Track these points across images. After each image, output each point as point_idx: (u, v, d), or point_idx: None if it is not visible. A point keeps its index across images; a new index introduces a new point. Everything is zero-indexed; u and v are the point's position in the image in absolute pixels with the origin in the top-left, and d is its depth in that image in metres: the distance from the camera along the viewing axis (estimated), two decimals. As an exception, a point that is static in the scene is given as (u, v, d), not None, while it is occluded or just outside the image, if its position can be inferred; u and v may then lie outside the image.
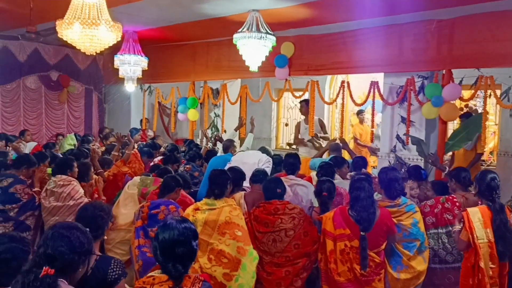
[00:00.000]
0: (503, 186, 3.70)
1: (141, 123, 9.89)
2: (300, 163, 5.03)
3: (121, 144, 6.30)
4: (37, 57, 9.74)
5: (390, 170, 4.02)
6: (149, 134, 9.62)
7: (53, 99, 10.20)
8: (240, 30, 5.94)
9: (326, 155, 6.79)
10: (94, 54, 4.58)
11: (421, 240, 3.83)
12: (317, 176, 4.75)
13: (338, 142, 6.63)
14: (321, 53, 6.92)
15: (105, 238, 3.20)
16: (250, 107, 8.42)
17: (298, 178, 4.75)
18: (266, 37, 5.91)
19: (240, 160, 5.32)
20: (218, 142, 7.51)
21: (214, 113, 9.20)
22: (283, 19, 6.28)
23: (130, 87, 8.39)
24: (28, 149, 7.32)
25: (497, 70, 5.68)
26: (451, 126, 7.67)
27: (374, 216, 3.51)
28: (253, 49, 5.96)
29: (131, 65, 7.59)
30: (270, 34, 6.00)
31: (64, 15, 4.34)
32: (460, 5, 5.23)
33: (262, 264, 3.76)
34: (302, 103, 7.85)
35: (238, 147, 6.88)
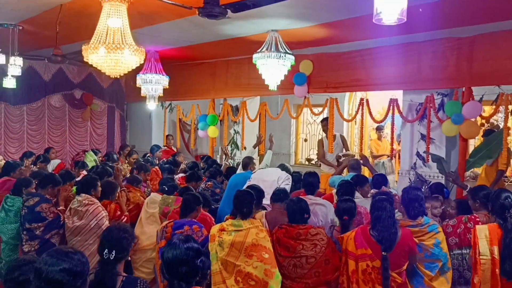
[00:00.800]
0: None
1: (167, 139, 10.01)
2: (319, 181, 5.01)
3: None
4: (62, 76, 10.03)
5: (412, 189, 3.95)
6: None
7: (77, 117, 10.45)
8: (259, 50, 6.02)
9: (345, 172, 6.77)
10: (118, 77, 4.70)
11: (444, 261, 3.77)
12: (337, 194, 4.74)
13: (358, 159, 6.59)
14: (340, 70, 6.95)
15: (129, 258, 3.26)
16: (269, 123, 8.50)
17: (317, 197, 4.73)
18: (285, 56, 5.97)
19: (260, 177, 5.37)
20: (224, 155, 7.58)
21: (234, 130, 9.29)
22: (302, 38, 6.34)
23: (152, 105, 8.56)
24: (52, 166, 7.47)
25: (518, 87, 5.64)
26: (472, 142, 7.59)
27: (395, 236, 3.50)
28: (272, 68, 6.02)
29: (153, 84, 7.73)
30: (289, 53, 6.06)
31: (88, 37, 4.45)
32: (478, 23, 5.23)
33: (282, 287, 3.73)
34: (324, 122, 7.87)
35: (257, 164, 6.93)
